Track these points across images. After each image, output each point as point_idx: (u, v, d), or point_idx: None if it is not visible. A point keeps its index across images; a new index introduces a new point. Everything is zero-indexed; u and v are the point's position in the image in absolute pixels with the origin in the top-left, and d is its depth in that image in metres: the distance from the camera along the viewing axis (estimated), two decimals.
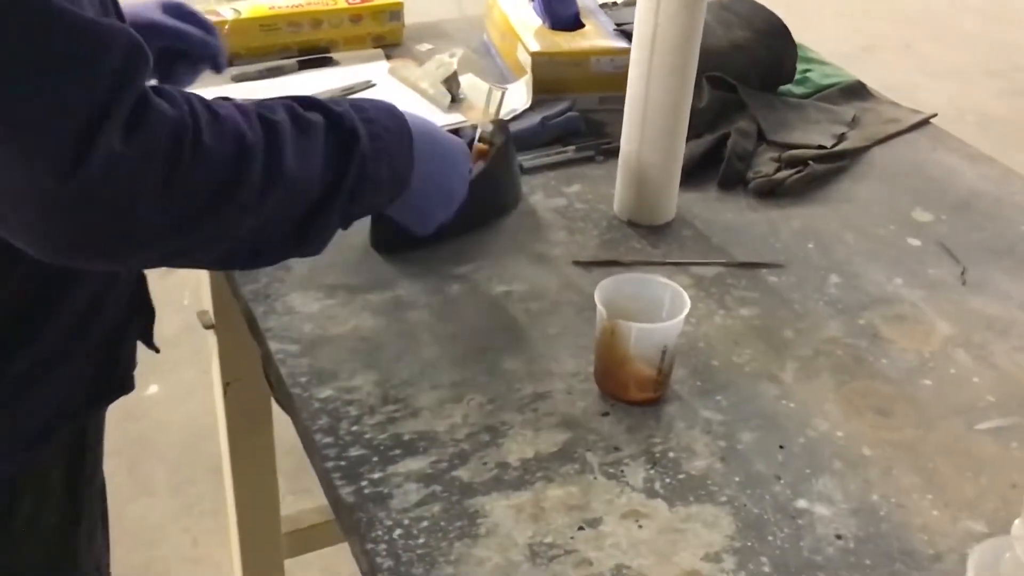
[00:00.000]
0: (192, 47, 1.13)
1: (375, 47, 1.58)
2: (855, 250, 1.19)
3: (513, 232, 1.19)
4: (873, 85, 1.54)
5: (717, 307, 1.08)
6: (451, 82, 1.41)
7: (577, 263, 1.14)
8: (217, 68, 1.18)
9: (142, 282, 1.02)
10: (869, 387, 0.99)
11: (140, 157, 0.71)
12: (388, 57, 1.55)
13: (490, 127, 1.18)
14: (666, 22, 1.08)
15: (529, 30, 1.46)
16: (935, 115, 1.47)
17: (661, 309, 0.96)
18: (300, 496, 1.98)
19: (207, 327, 1.51)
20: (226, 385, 1.56)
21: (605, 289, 0.94)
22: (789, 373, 1.00)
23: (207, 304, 1.48)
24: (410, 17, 1.63)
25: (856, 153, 1.37)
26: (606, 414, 0.94)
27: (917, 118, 1.46)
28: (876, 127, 1.44)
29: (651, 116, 1.14)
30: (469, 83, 1.46)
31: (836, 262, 1.17)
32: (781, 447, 0.92)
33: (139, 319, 1.02)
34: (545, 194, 1.26)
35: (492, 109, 1.18)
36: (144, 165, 0.71)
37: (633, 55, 1.14)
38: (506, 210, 1.22)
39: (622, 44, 1.43)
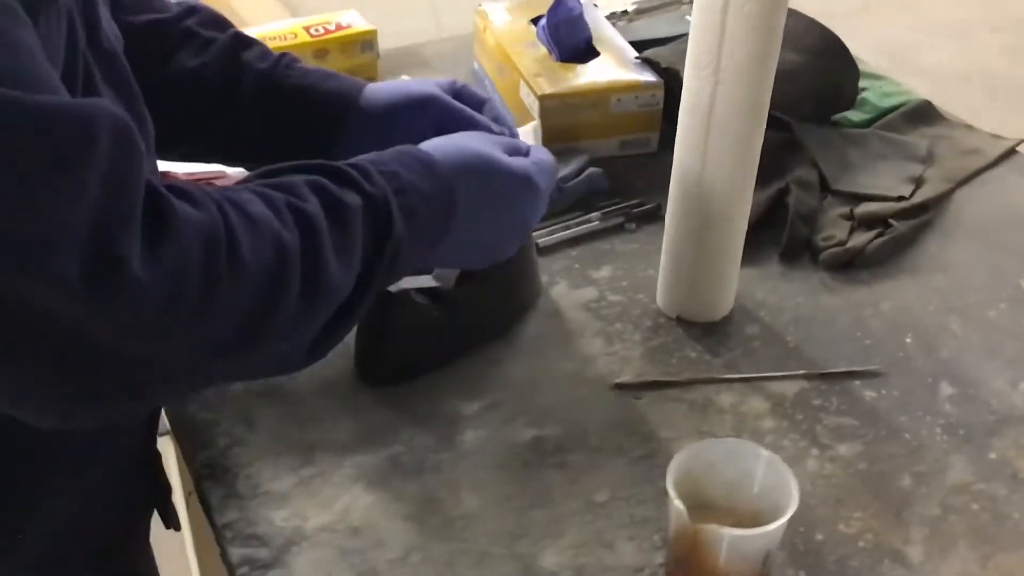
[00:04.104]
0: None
1: None
2: (964, 342, 0.95)
3: (535, 344, 0.94)
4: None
5: (808, 444, 0.84)
6: None
7: (620, 386, 0.89)
8: None
9: (152, 456, 0.84)
10: (1021, 561, 0.76)
11: (170, 281, 0.56)
12: None
13: None
14: (730, 80, 0.83)
15: (533, 64, 1.19)
16: (1022, 142, 1.23)
17: (752, 482, 0.72)
18: None
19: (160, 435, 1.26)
20: (188, 495, 1.32)
21: (680, 467, 0.70)
22: (917, 547, 0.76)
23: None
24: (383, 41, 1.37)
25: (939, 200, 1.13)
26: None
27: (1003, 147, 1.22)
28: (955, 161, 1.19)
29: (709, 200, 0.89)
30: None
31: (944, 363, 0.92)
32: None
33: (152, 500, 0.85)
34: (570, 284, 1.01)
35: None
36: (176, 290, 0.56)
37: (683, 121, 0.88)
38: (524, 311, 0.97)
39: (647, 78, 1.17)
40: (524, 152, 0.84)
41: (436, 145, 0.78)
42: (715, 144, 0.86)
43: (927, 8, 4.01)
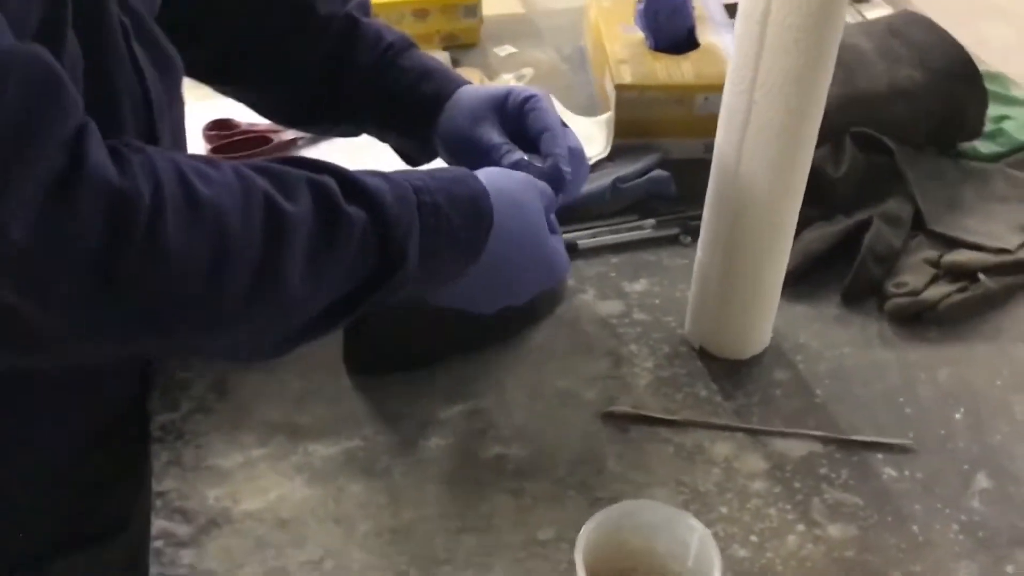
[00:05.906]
0: None
1: (444, 48, 1.27)
2: (1022, 430, 0.82)
3: (537, 354, 0.88)
4: None
5: (797, 518, 0.75)
6: None
7: (608, 415, 0.82)
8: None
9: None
10: None
11: (57, 250, 0.53)
12: (456, 63, 1.25)
13: None
14: (765, 100, 0.74)
15: (623, 49, 1.11)
16: None
17: (686, 555, 0.65)
18: None
19: None
20: None
21: (596, 531, 0.63)
22: None
23: None
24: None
25: None
26: None
27: None
28: None
29: (741, 226, 0.80)
30: None
31: (990, 450, 0.80)
32: None
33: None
34: (598, 293, 0.94)
35: None
36: (61, 260, 0.54)
37: (718, 137, 0.79)
38: (535, 319, 0.91)
39: None
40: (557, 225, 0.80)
41: (495, 185, 0.74)
42: (747, 168, 0.77)
43: None
